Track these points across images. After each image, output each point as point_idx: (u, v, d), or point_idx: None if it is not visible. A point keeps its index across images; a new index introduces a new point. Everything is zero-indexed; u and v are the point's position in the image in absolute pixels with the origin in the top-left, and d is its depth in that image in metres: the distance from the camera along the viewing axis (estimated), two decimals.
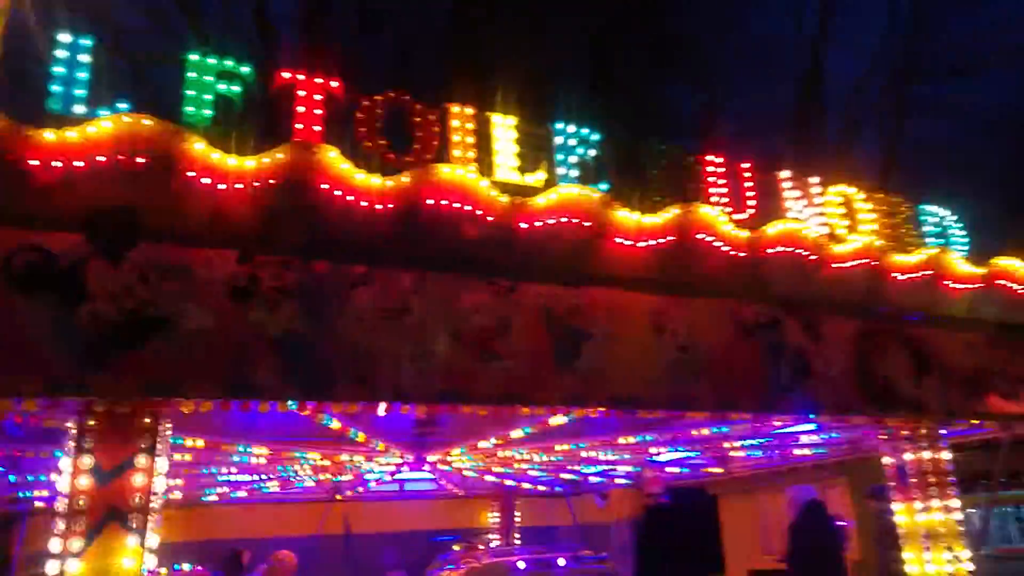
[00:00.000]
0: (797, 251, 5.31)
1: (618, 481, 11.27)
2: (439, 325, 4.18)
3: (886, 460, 6.12)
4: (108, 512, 3.34)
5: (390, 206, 4.08)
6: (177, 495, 8.17)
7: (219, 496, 8.91)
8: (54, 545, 3.31)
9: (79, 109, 3.64)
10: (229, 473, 7.37)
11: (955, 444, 6.44)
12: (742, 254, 5.09)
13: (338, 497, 10.03)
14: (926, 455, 5.95)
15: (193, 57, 4.02)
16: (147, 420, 3.54)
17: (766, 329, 5.26)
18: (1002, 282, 6.33)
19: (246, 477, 7.72)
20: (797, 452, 8.44)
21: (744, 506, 11.13)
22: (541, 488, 11.76)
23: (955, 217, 6.77)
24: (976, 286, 6.16)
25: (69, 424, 3.50)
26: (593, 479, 11.06)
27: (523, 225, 4.44)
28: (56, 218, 3.43)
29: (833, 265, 5.48)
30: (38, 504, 7.53)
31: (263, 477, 7.88)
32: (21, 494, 7.40)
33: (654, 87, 19.01)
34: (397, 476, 8.80)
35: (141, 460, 3.47)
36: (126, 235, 3.54)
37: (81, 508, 3.32)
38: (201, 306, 3.62)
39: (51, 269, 3.37)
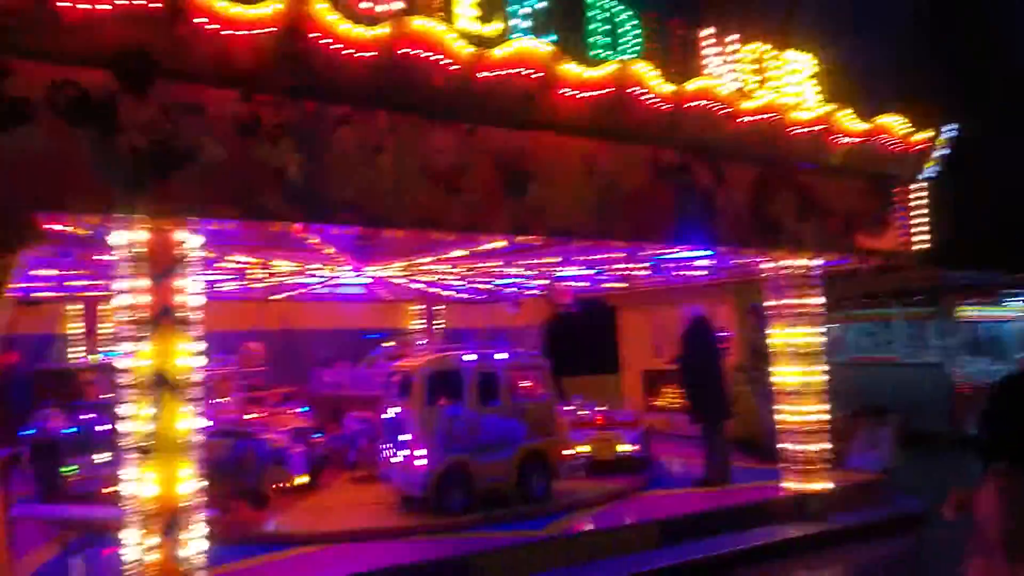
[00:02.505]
0: (711, 105, 6.41)
1: (530, 292, 12.90)
2: (410, 162, 5.12)
3: (766, 285, 7.73)
4: (161, 309, 4.34)
5: (370, 54, 4.81)
6: None
7: None
8: (123, 332, 4.32)
9: None
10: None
11: (824, 273, 8.08)
12: (665, 106, 6.14)
13: (276, 297, 11.13)
14: (799, 282, 7.55)
15: None
16: (182, 235, 4.44)
17: (679, 172, 6.48)
18: (882, 137, 7.71)
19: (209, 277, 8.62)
20: (692, 273, 10.08)
21: (641, 317, 13.03)
22: (461, 295, 13.27)
23: (850, 74, 7.98)
24: (860, 140, 7.50)
25: (122, 237, 4.35)
26: (508, 290, 12.62)
27: (483, 74, 5.27)
28: (86, 56, 4.04)
29: (740, 119, 6.63)
30: None
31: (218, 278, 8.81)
32: None
33: None
34: (338, 280, 9.93)
35: (182, 267, 4.42)
36: (145, 74, 4.20)
37: (140, 306, 4.30)
38: (215, 140, 4.40)
39: (88, 103, 4.04)
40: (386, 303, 12.91)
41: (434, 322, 13.93)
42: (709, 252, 8.15)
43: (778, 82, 7.19)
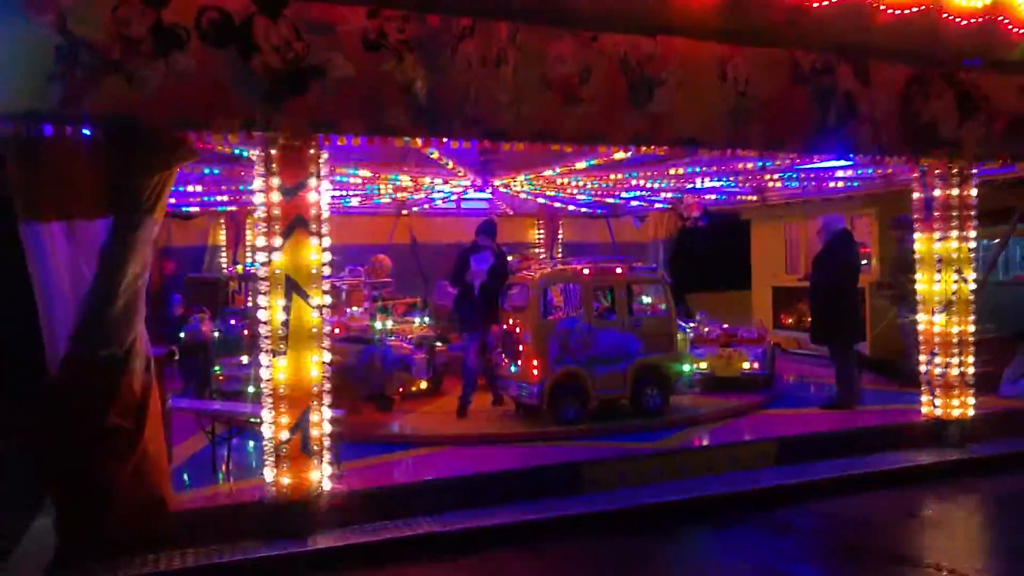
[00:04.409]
0: None
1: (656, 205, 12.79)
2: (531, 73, 5.20)
3: (915, 195, 7.23)
4: (294, 219, 4.77)
5: None
6: None
7: None
8: (260, 242, 4.81)
9: None
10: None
11: (985, 181, 7.44)
12: (805, 2, 5.83)
13: (404, 212, 11.71)
14: (954, 192, 7.00)
15: None
16: (313, 151, 4.81)
17: (820, 75, 6.16)
18: None
19: (337, 193, 9.19)
20: (831, 184, 9.65)
21: (774, 231, 12.63)
22: (583, 209, 13.35)
23: None
24: None
25: (258, 153, 4.78)
26: (633, 203, 12.56)
27: None
28: None
29: (892, 11, 6.17)
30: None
31: (349, 193, 9.40)
32: None
33: None
34: (463, 196, 10.29)
35: (312, 181, 4.80)
36: None
37: (276, 216, 4.75)
38: (345, 57, 4.66)
39: (229, 26, 4.39)
40: (508, 218, 13.20)
41: (556, 236, 14.15)
42: (849, 162, 7.80)
43: None
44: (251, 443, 6.24)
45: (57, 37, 4.08)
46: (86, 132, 4.32)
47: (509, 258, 11.17)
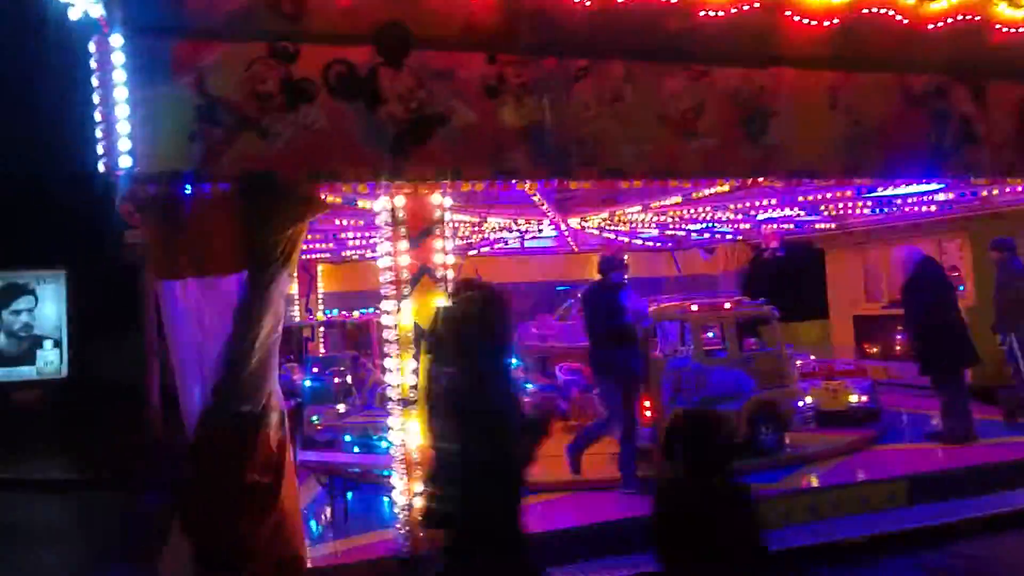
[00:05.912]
0: (970, 18, 5.87)
1: (727, 236, 12.59)
2: (646, 110, 5.15)
3: None
4: (420, 268, 4.74)
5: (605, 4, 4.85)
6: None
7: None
8: (386, 292, 4.77)
9: None
10: None
11: None
12: (916, 25, 5.71)
13: (471, 253, 11.69)
14: None
15: None
16: (437, 198, 4.79)
17: (933, 98, 6.02)
18: None
19: None
20: (923, 208, 9.38)
21: (852, 258, 12.34)
22: (648, 244, 13.22)
23: None
24: None
25: (384, 203, 4.78)
26: (703, 235, 12.38)
27: (714, 13, 5.17)
28: (353, 34, 4.40)
29: (1006, 30, 6.02)
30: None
31: None
32: None
33: None
34: (538, 233, 10.25)
35: (437, 228, 4.78)
36: (402, 46, 4.51)
37: (401, 266, 4.72)
38: (465, 103, 4.66)
39: (355, 78, 4.42)
40: (572, 255, 13.12)
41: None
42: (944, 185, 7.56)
43: None
44: (349, 493, 6.12)
45: (196, 97, 4.13)
46: (222, 188, 4.35)
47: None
